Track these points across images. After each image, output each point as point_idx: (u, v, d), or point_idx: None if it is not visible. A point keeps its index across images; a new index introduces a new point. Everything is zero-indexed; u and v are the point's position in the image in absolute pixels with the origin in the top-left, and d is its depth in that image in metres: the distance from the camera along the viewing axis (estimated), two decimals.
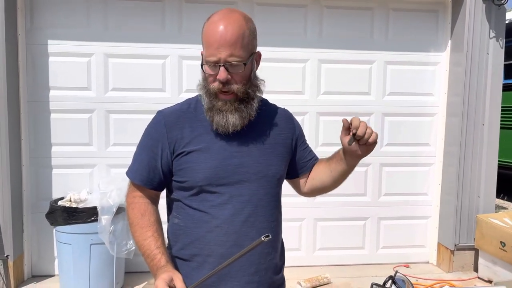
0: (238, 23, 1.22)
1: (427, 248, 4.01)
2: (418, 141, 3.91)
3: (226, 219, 1.27)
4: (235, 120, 1.24)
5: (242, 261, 1.26)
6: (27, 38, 3.44)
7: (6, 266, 3.32)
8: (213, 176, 1.26)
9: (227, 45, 1.20)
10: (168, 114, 1.33)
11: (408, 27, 3.78)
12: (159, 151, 1.30)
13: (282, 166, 1.38)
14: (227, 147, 1.28)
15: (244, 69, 1.23)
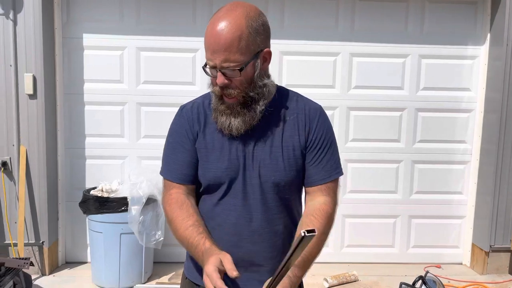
0: (235, 24, 1.14)
1: (461, 249, 3.88)
2: (453, 138, 3.78)
3: (227, 218, 1.28)
4: (238, 124, 1.21)
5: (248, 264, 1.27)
6: (63, 31, 3.54)
7: (41, 252, 3.45)
8: (222, 176, 1.26)
9: (221, 50, 1.14)
10: (188, 109, 1.34)
11: (444, 19, 3.64)
12: (189, 146, 1.30)
13: (290, 172, 1.27)
14: (239, 148, 1.26)
15: (240, 74, 1.17)
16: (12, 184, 3.39)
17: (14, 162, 3.38)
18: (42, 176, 3.41)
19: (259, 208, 1.27)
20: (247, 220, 1.27)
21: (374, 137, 3.73)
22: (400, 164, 3.78)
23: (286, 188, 1.28)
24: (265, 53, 1.23)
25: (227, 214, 1.28)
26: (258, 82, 1.21)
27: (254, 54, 1.18)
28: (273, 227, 1.29)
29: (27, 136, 3.36)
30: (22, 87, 3.32)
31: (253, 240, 1.27)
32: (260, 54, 1.21)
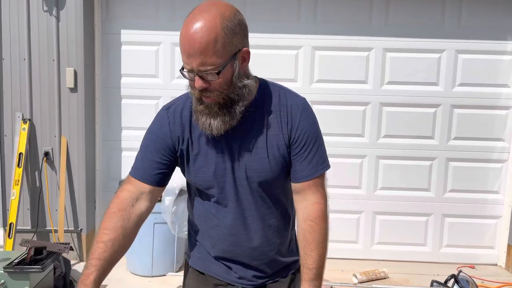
0: (210, 26, 1.10)
1: (496, 250, 3.77)
2: (490, 136, 3.67)
3: (225, 221, 1.30)
4: (217, 124, 1.17)
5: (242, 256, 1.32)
6: (102, 27, 3.67)
7: (79, 239, 3.61)
8: (210, 181, 1.27)
9: (197, 54, 1.10)
10: (172, 112, 1.31)
11: (483, 13, 3.54)
12: (162, 146, 1.28)
13: (276, 172, 1.27)
14: (222, 152, 1.25)
15: (218, 77, 1.13)
16: (53, 173, 3.56)
17: (56, 153, 3.54)
18: (81, 166, 3.56)
19: (251, 207, 1.29)
20: (242, 219, 1.30)
21: (407, 133, 3.68)
22: (433, 162, 3.72)
23: (273, 185, 1.29)
24: (243, 52, 1.17)
25: (222, 215, 1.30)
26: (238, 83, 1.17)
27: (232, 55, 1.13)
28: (266, 222, 1.32)
29: (68, 127, 3.52)
30: (64, 81, 3.47)
31: (249, 237, 1.31)
32: (238, 54, 1.15)
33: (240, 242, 1.32)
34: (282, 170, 1.28)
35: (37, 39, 3.42)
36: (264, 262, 1.35)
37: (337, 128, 3.61)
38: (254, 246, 1.32)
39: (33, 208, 3.56)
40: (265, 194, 1.29)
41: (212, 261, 1.37)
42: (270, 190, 1.30)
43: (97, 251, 1.20)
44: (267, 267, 1.36)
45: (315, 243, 1.27)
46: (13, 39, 3.41)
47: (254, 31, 2.77)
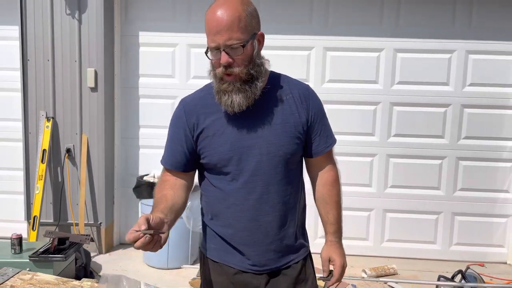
0: (234, 8, 1.27)
1: (506, 248, 3.80)
2: (500, 135, 3.71)
3: (240, 197, 1.39)
4: (240, 100, 1.30)
5: (258, 233, 1.40)
6: (121, 30, 3.83)
7: (99, 232, 3.77)
8: (225, 158, 1.37)
9: (224, 29, 1.25)
10: (188, 102, 1.46)
11: (493, 14, 3.58)
12: (182, 136, 1.42)
13: (293, 146, 1.40)
14: (239, 130, 1.37)
15: (243, 51, 1.28)
16: (74, 169, 3.73)
17: (77, 150, 3.71)
18: (101, 163, 3.72)
19: (268, 182, 1.39)
20: (258, 194, 1.39)
21: (417, 132, 3.74)
22: (443, 161, 3.77)
23: (290, 161, 1.41)
24: (259, 35, 1.35)
25: (238, 192, 1.39)
26: (257, 60, 1.33)
27: (252, 34, 1.30)
28: (282, 198, 1.41)
29: (88, 125, 3.68)
30: (85, 81, 3.63)
31: (267, 212, 1.40)
32: (256, 35, 1.33)
33: (257, 216, 1.39)
34: (297, 146, 1.41)
35: (60, 41, 3.59)
36: (279, 239, 1.42)
37: (348, 127, 3.69)
38: (270, 220, 1.40)
39: (56, 202, 3.73)
40: (281, 169, 1.39)
41: (227, 250, 1.46)
42: (286, 166, 1.40)
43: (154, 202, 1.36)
44: (280, 248, 1.43)
45: (333, 203, 1.50)
46: (37, 41, 3.58)
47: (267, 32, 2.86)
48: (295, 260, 1.48)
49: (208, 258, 1.51)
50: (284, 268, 1.46)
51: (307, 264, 1.51)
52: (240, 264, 1.44)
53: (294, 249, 1.48)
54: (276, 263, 1.44)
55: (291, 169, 1.43)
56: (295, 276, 1.46)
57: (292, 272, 1.47)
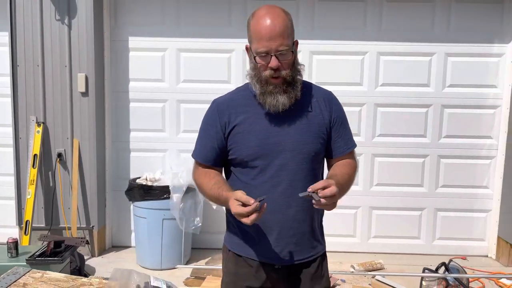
0: (282, 17, 1.41)
1: (486, 242, 3.98)
2: (479, 134, 3.88)
3: (266, 190, 1.48)
4: (284, 100, 1.44)
5: (281, 226, 1.50)
6: (111, 35, 3.88)
7: (91, 235, 3.80)
8: (255, 153, 1.49)
9: (277, 36, 1.38)
10: (220, 102, 1.57)
11: (470, 18, 3.76)
12: (214, 133, 1.54)
13: (317, 145, 1.52)
14: (267, 128, 1.49)
15: (291, 54, 1.43)
16: (66, 173, 3.76)
17: (68, 154, 3.74)
18: (93, 167, 3.76)
19: (292, 177, 1.49)
20: (283, 187, 1.49)
21: (400, 132, 3.89)
22: (426, 159, 3.92)
23: (314, 159, 1.52)
24: (296, 43, 1.49)
25: (264, 185, 1.49)
26: (297, 66, 1.48)
27: (293, 42, 1.45)
28: None
29: (79, 130, 3.72)
30: (75, 86, 3.67)
31: (289, 205, 1.50)
32: (295, 42, 1.47)
33: (280, 209, 1.48)
34: (321, 145, 1.53)
35: (50, 47, 3.62)
36: (300, 233, 1.51)
37: None
38: (293, 214, 1.50)
39: (47, 206, 3.75)
40: (305, 166, 1.50)
41: (250, 244, 1.55)
42: (310, 163, 1.51)
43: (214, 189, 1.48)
44: (301, 242, 1.53)
45: (348, 168, 1.55)
46: (27, 46, 3.61)
47: None
48: (314, 257, 1.57)
49: (231, 251, 1.60)
50: (302, 263, 1.55)
51: (324, 262, 1.61)
52: (262, 256, 1.53)
53: (313, 245, 1.57)
54: (296, 256, 1.53)
55: (314, 167, 1.54)
56: (312, 273, 1.56)
57: (309, 269, 1.56)
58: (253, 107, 1.51)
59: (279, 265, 1.53)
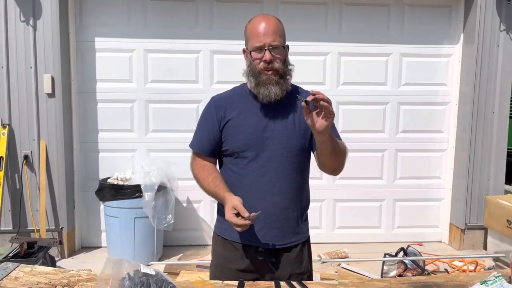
0: (275, 20, 1.64)
1: (440, 228, 4.30)
2: (432, 128, 4.19)
3: (253, 178, 1.64)
4: (277, 91, 1.60)
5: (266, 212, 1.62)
6: (77, 36, 3.87)
7: (60, 237, 3.78)
8: (245, 145, 1.64)
9: (271, 33, 1.58)
10: (217, 99, 1.74)
11: (422, 21, 4.05)
12: (211, 126, 1.69)
13: (303, 140, 1.66)
14: (258, 124, 1.65)
15: (283, 51, 1.61)
16: (33, 175, 3.72)
17: (35, 156, 3.71)
18: (61, 168, 3.74)
19: (280, 167, 1.64)
20: (269, 177, 1.64)
21: (361, 128, 4.13)
22: (384, 153, 4.19)
23: (299, 153, 1.67)
24: (287, 47, 1.68)
25: (253, 174, 1.64)
26: (287, 64, 1.66)
27: (285, 43, 1.65)
28: (289, 184, 1.67)
29: (46, 131, 3.69)
30: (41, 87, 3.64)
31: (273, 193, 1.64)
32: (286, 46, 1.66)
33: (265, 197, 1.63)
34: (306, 141, 1.67)
35: (14, 48, 3.58)
36: (283, 219, 1.65)
37: None
38: (277, 201, 1.64)
39: (14, 209, 3.70)
40: (290, 159, 1.64)
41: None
42: (295, 157, 1.65)
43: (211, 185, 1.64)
44: (284, 227, 1.66)
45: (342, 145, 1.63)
46: None
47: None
48: (296, 243, 1.71)
49: (219, 236, 1.74)
50: (284, 247, 1.69)
51: (305, 248, 1.75)
52: (246, 240, 1.67)
53: (296, 232, 1.71)
54: (279, 241, 1.67)
55: (300, 161, 1.68)
56: (293, 257, 1.70)
57: (290, 253, 1.70)
58: (246, 104, 1.66)
59: (263, 248, 1.66)
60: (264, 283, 1.51)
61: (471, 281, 1.44)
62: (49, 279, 1.48)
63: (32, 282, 1.43)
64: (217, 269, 1.73)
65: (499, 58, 3.89)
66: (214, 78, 3.99)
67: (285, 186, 1.66)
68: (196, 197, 4.04)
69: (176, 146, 3.88)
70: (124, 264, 1.37)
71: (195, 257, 3.80)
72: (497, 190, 4.00)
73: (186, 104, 3.94)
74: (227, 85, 1.85)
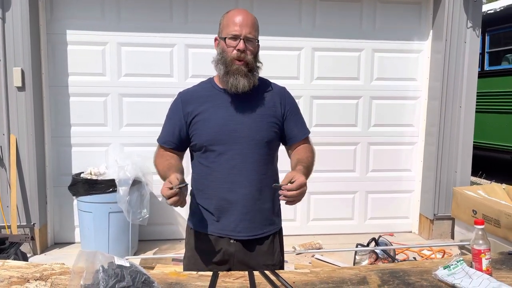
0: (252, 16, 1.68)
1: (410, 219, 4.44)
2: (402, 122, 4.31)
3: (223, 171, 1.67)
4: (245, 82, 1.63)
5: (236, 204, 1.67)
6: (47, 28, 3.79)
7: (32, 233, 3.72)
8: (213, 138, 1.66)
9: (248, 25, 1.63)
10: (184, 93, 1.77)
11: (393, 18, 4.15)
12: (177, 120, 1.72)
13: (270, 133, 1.70)
14: (225, 117, 1.67)
15: (256, 45, 1.66)
16: (3, 171, 3.64)
17: (5, 151, 3.62)
18: (32, 163, 3.67)
19: (248, 159, 1.67)
20: (239, 169, 1.67)
21: (334, 122, 4.21)
22: (357, 146, 4.29)
23: (267, 145, 1.70)
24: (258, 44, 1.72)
25: (222, 166, 1.67)
26: (258, 58, 1.70)
27: (257, 38, 1.69)
28: (259, 176, 1.70)
29: (16, 125, 3.62)
30: (11, 80, 3.56)
31: (243, 185, 1.68)
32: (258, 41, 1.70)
33: (235, 189, 1.66)
34: (274, 134, 1.71)
35: None
36: (253, 210, 1.68)
37: None
38: (247, 193, 1.67)
39: None
40: (258, 151, 1.68)
41: (209, 220, 1.70)
42: (263, 149, 1.69)
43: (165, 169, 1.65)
44: (254, 219, 1.69)
45: (308, 153, 1.76)
46: None
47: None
48: (267, 234, 1.74)
49: (193, 229, 1.76)
50: (255, 239, 1.71)
51: (276, 239, 1.78)
52: (218, 231, 1.70)
53: (267, 223, 1.74)
54: (250, 232, 1.70)
55: (268, 153, 1.72)
56: (264, 250, 1.73)
57: (262, 246, 1.73)
58: (213, 98, 1.69)
59: (234, 238, 1.70)
60: (238, 273, 1.55)
61: (435, 267, 1.51)
62: (22, 273, 1.47)
63: (4, 276, 1.42)
64: (190, 261, 1.76)
65: (466, 54, 4.03)
66: (189, 72, 3.98)
67: (255, 177, 1.69)
68: None
69: (150, 140, 3.76)
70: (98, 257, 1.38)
71: (170, 251, 3.80)
72: (464, 181, 4.16)
73: (161, 98, 3.92)
74: (202, 79, 1.86)
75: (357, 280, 1.47)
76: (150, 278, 1.32)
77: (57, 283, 1.40)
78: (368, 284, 1.44)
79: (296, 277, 1.51)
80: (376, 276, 1.50)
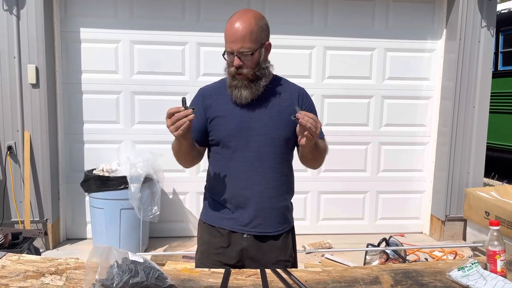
0: (248, 22, 1.58)
1: (421, 220, 4.40)
2: (414, 122, 4.27)
3: (239, 167, 1.68)
4: (246, 94, 1.64)
5: (251, 201, 1.68)
6: (61, 26, 3.83)
7: (45, 228, 3.76)
8: (231, 135, 1.68)
9: (238, 40, 1.57)
10: (205, 89, 1.78)
11: (406, 17, 4.12)
12: (197, 114, 1.68)
13: (287, 131, 1.68)
14: (243, 115, 1.68)
15: (251, 58, 1.60)
16: (17, 166, 3.69)
17: (19, 147, 3.67)
18: (45, 159, 3.72)
19: (264, 157, 1.68)
20: (255, 166, 1.68)
21: (345, 121, 4.19)
22: (368, 146, 4.26)
23: (284, 143, 1.71)
24: (267, 45, 1.67)
25: (238, 163, 1.68)
26: (262, 65, 1.66)
27: (261, 44, 1.62)
28: (274, 174, 1.71)
29: (30, 122, 3.66)
30: (25, 77, 3.60)
31: (259, 183, 1.68)
32: (264, 44, 1.64)
33: (251, 185, 1.67)
34: (291, 132, 1.68)
35: None
36: (268, 207, 1.68)
37: None
38: (261, 190, 1.67)
39: None
40: (274, 149, 1.68)
41: (222, 214, 1.71)
42: (279, 147, 1.69)
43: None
44: (268, 216, 1.70)
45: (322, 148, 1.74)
46: None
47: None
48: (281, 231, 1.74)
49: (205, 223, 1.77)
50: (268, 235, 1.72)
51: (289, 237, 1.79)
52: (232, 226, 1.71)
53: (281, 221, 1.75)
54: (263, 229, 1.70)
55: (284, 152, 1.72)
56: (278, 245, 1.73)
57: (276, 241, 1.74)
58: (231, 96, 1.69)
59: (247, 234, 1.71)
60: (250, 270, 1.55)
61: (449, 268, 1.50)
62: (37, 267, 1.49)
63: (20, 270, 1.44)
64: (203, 256, 1.76)
65: (480, 54, 3.98)
66: (200, 71, 4.00)
67: (271, 175, 1.70)
68: (182, 188, 4.07)
69: (161, 138, 3.87)
70: (112, 252, 1.39)
71: (180, 249, 3.82)
72: (476, 183, 4.11)
73: (172, 96, 3.93)
74: (213, 78, 1.87)
75: (369, 279, 1.46)
76: (163, 274, 1.33)
77: (72, 277, 1.42)
78: (380, 284, 1.43)
79: (308, 276, 1.51)
80: (388, 276, 1.49)
